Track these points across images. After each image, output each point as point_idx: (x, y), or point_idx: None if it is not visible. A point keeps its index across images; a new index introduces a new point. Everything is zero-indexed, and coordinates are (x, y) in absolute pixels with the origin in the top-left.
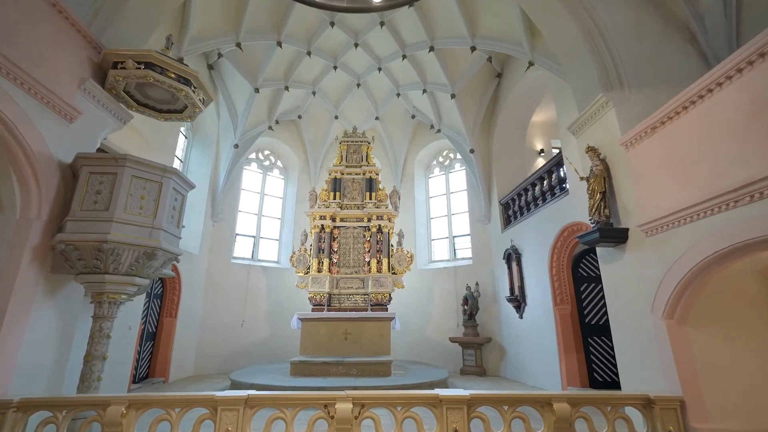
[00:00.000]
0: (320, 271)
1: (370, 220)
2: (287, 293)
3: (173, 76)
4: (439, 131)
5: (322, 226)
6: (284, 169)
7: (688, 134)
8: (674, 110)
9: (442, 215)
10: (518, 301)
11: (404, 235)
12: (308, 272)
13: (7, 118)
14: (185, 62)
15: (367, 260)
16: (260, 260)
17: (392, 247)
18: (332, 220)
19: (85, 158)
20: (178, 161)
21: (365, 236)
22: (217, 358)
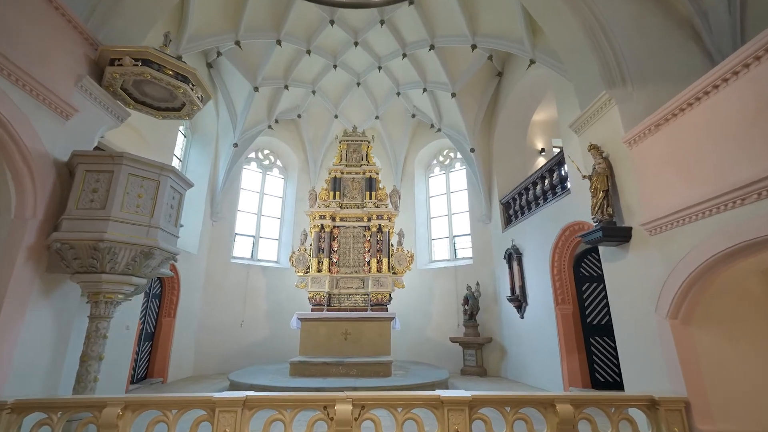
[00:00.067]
0: (320, 270)
1: (370, 219)
2: (287, 293)
3: (171, 73)
4: (439, 130)
5: (321, 225)
6: (284, 168)
7: (692, 131)
8: (678, 107)
9: (442, 215)
10: (519, 300)
11: (404, 234)
12: (308, 272)
13: (2, 115)
14: (184, 60)
15: (367, 260)
16: (260, 260)
17: (392, 246)
18: (332, 219)
19: (81, 156)
20: (177, 160)
21: (365, 236)
22: (216, 358)
